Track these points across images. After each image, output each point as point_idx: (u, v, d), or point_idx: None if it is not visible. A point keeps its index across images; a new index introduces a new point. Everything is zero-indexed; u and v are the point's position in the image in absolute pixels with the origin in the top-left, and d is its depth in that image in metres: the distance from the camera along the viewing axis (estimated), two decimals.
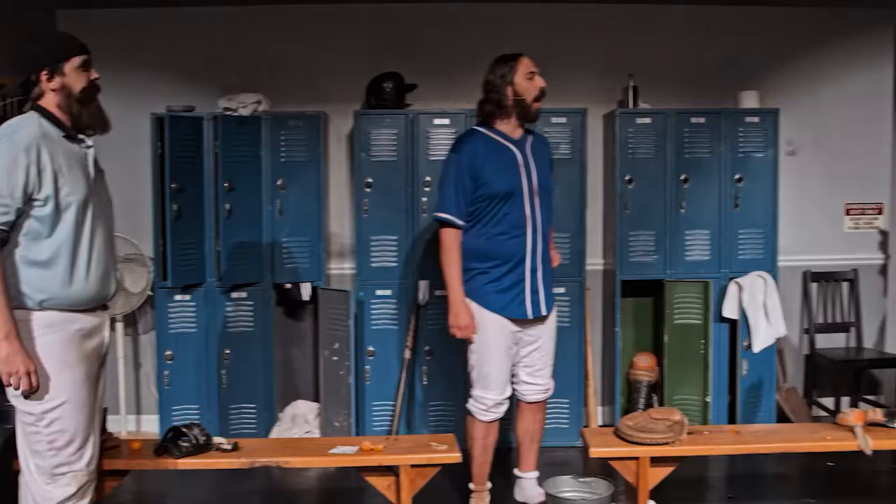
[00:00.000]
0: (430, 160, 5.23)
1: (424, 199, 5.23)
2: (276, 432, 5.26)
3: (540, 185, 3.98)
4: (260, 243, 5.26)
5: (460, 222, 3.90)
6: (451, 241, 3.92)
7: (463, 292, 3.91)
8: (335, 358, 5.13)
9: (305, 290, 5.33)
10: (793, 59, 5.97)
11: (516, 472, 4.30)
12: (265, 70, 5.61)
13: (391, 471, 3.73)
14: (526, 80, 3.92)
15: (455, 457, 3.75)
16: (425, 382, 5.26)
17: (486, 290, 3.92)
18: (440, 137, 5.24)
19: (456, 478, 4.23)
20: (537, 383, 4.12)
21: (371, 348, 5.25)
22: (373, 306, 5.26)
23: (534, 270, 3.97)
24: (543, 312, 4.01)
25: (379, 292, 5.27)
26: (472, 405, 4.05)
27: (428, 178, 5.22)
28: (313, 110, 5.36)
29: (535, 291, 3.97)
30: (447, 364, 5.23)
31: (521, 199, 3.92)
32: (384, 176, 5.24)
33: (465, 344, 4.02)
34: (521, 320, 3.97)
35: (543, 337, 4.09)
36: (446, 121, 5.27)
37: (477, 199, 3.88)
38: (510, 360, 4.03)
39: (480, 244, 3.92)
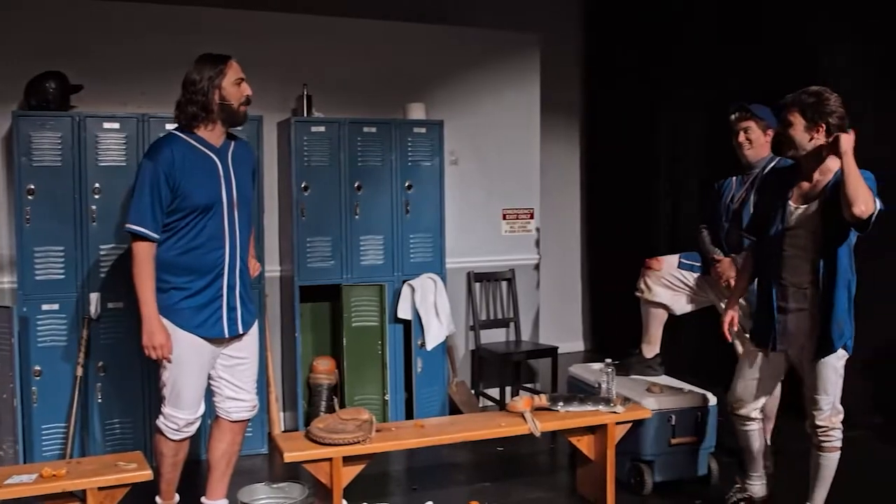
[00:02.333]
0: (99, 166, 4.96)
1: (94, 206, 4.95)
2: None
3: (240, 197, 3.82)
4: None
5: (155, 235, 3.64)
6: (144, 255, 3.64)
7: (156, 309, 3.66)
8: None
9: None
10: (455, 75, 6.40)
11: (204, 500, 4.07)
12: None
13: (76, 496, 3.51)
14: (234, 86, 3.72)
15: (146, 474, 3.61)
16: (100, 400, 4.99)
17: (180, 307, 3.71)
18: (110, 142, 4.99)
19: (143, 494, 4.04)
20: (243, 399, 3.98)
21: (38, 367, 4.86)
22: (39, 322, 4.88)
23: (231, 287, 3.82)
24: (240, 331, 3.87)
25: (45, 307, 4.89)
26: (162, 423, 3.86)
27: (97, 185, 4.95)
28: None
29: (232, 309, 3.82)
30: (123, 379, 5.00)
31: (221, 212, 3.75)
32: (49, 182, 4.87)
33: (146, 359, 3.79)
34: (217, 339, 3.83)
35: (245, 353, 3.96)
36: (116, 125, 5.01)
37: (173, 210, 3.66)
38: (205, 379, 3.88)
39: (175, 258, 3.70)
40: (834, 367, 3.77)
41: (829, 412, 3.82)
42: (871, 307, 3.78)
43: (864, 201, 3.46)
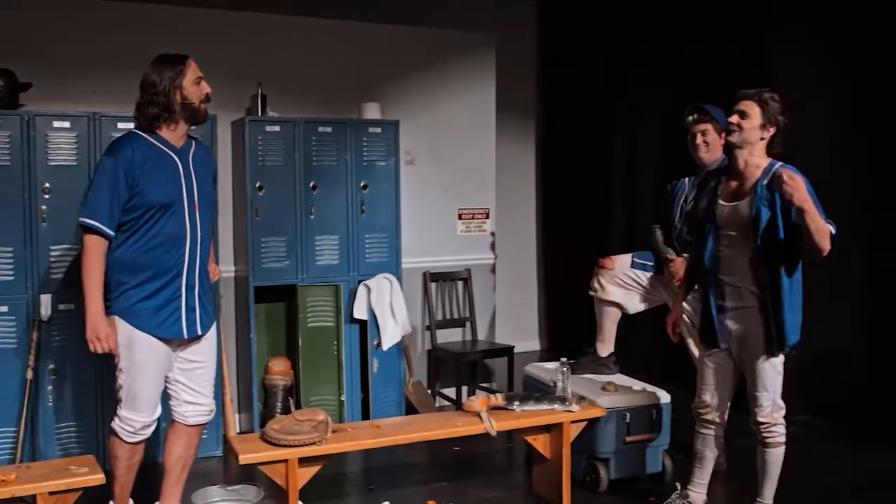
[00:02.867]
0: (49, 165, 4.87)
1: (44, 206, 4.87)
2: None
3: (201, 198, 3.81)
4: None
5: (109, 231, 3.61)
6: (95, 249, 3.61)
7: (101, 303, 3.63)
8: None
9: None
10: (410, 74, 6.40)
11: None
12: None
13: (26, 502, 3.46)
14: (194, 85, 3.72)
15: (98, 478, 3.56)
16: (51, 403, 4.90)
17: (138, 307, 3.67)
18: (61, 141, 4.91)
19: (96, 499, 3.98)
20: (200, 403, 3.95)
21: None
22: None
23: (190, 288, 3.79)
24: (199, 332, 3.84)
25: None
26: (118, 426, 3.80)
27: (48, 185, 4.87)
28: None
29: (191, 310, 3.79)
30: (76, 383, 4.92)
31: (181, 211, 3.73)
32: None
33: (99, 361, 3.76)
34: (176, 340, 3.80)
35: (202, 356, 3.93)
36: (67, 123, 4.93)
37: (131, 208, 3.63)
38: (162, 381, 3.84)
39: (134, 257, 3.66)
40: (773, 363, 3.83)
41: (770, 408, 3.87)
42: (805, 306, 3.84)
43: (828, 241, 3.56)
